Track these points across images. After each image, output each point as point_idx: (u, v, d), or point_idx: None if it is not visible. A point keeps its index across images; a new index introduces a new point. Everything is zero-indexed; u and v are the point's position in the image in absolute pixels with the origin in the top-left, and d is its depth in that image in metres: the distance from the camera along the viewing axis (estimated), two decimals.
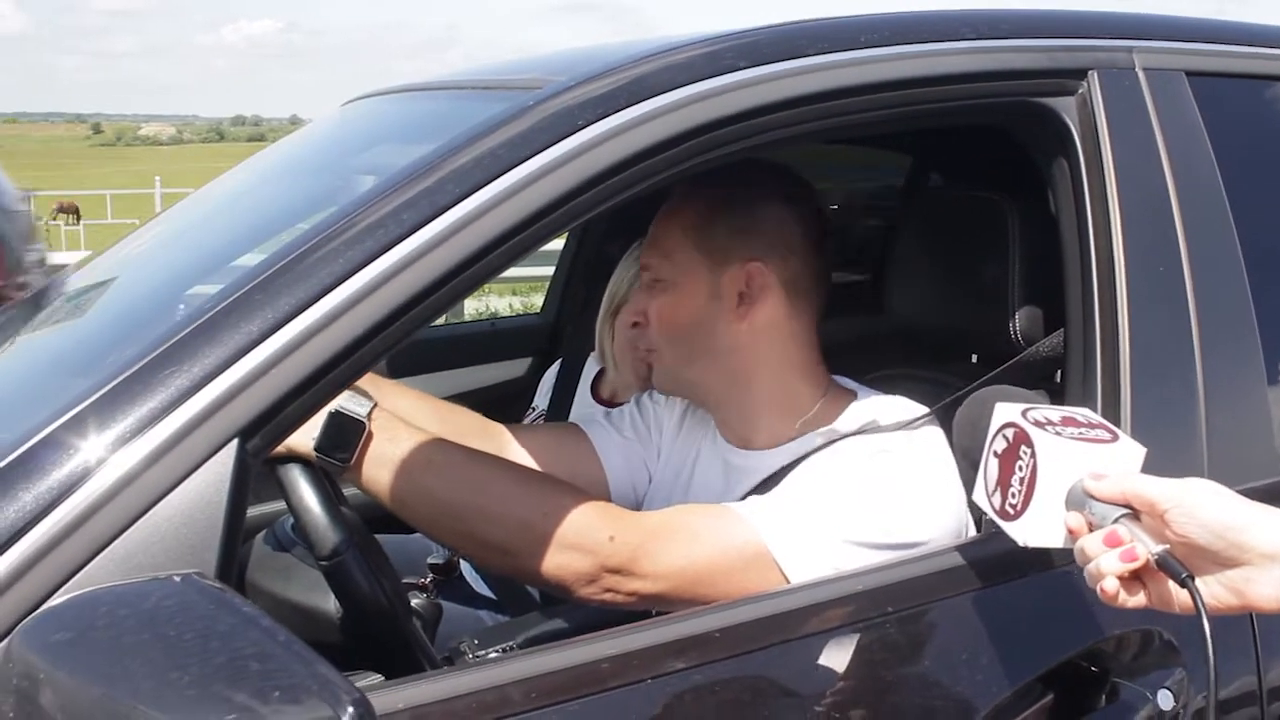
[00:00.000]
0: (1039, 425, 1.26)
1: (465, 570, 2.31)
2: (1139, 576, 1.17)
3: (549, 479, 1.64)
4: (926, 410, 1.63)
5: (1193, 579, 1.12)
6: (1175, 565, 1.13)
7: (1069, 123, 1.60)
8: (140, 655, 0.94)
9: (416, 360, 2.94)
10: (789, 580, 1.47)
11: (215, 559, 1.11)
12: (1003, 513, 1.29)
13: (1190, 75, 1.71)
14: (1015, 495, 1.27)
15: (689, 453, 1.80)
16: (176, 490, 1.11)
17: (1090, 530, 1.19)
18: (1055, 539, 1.24)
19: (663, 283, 1.69)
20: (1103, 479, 1.20)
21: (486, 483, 1.52)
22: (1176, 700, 1.46)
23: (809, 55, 1.44)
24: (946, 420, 1.62)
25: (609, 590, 1.49)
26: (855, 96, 1.47)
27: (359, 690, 0.93)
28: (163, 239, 2.10)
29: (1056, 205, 1.65)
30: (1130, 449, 1.25)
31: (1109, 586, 1.16)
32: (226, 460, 1.13)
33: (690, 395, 1.77)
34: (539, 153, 1.30)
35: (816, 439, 1.64)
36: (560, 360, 2.65)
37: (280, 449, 1.41)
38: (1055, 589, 1.46)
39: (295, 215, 1.66)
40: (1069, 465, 1.23)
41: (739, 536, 1.50)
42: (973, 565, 1.44)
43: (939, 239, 1.92)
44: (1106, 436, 1.26)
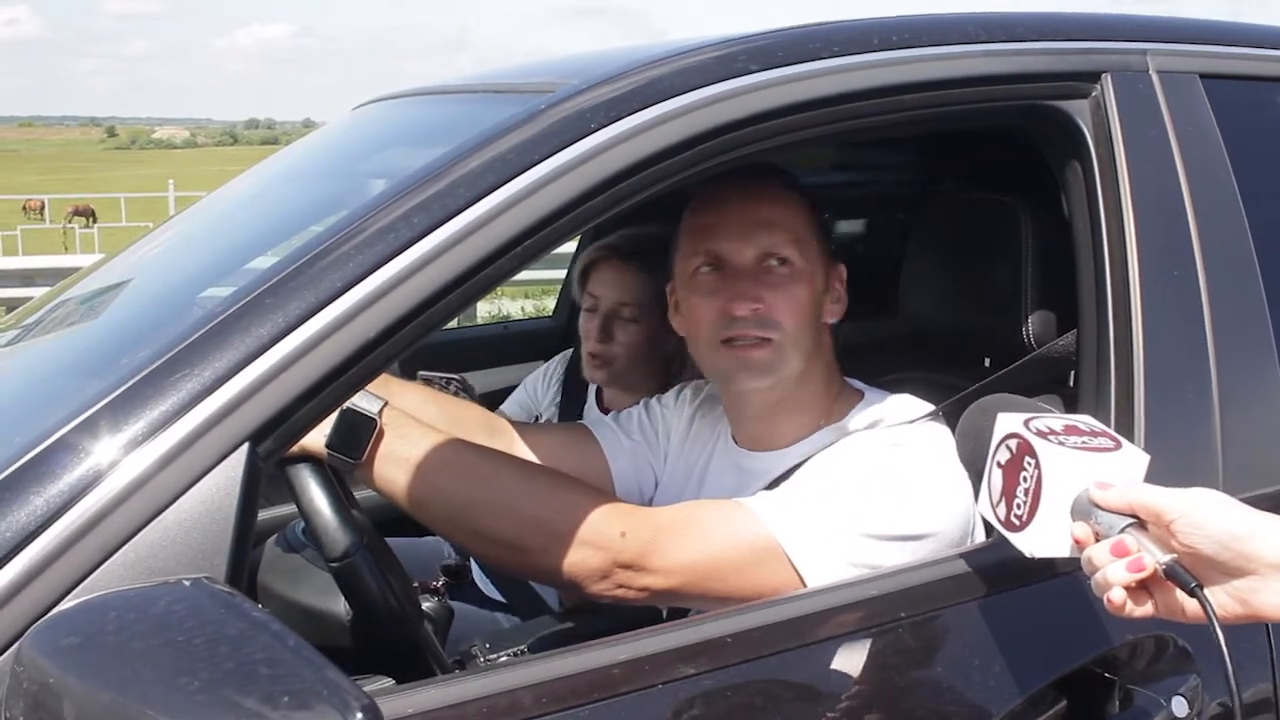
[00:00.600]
0: (1042, 435, 1.25)
1: (476, 574, 2.31)
2: (1146, 586, 1.17)
3: (560, 476, 1.64)
4: (934, 408, 1.63)
5: (1202, 588, 1.12)
6: (1184, 575, 1.12)
7: (1082, 125, 1.59)
8: (149, 660, 0.94)
9: (429, 363, 2.94)
10: (800, 574, 1.46)
11: (225, 563, 1.11)
12: (1008, 524, 1.29)
13: (1204, 77, 1.71)
14: (1021, 506, 1.26)
15: (699, 457, 1.79)
16: (187, 494, 1.11)
17: (1097, 540, 1.19)
18: (1062, 549, 1.24)
19: (794, 271, 1.64)
20: (1108, 489, 1.19)
21: (497, 479, 1.52)
22: (1191, 707, 1.45)
23: (822, 58, 1.44)
24: (953, 420, 1.61)
25: (621, 586, 1.49)
26: (868, 99, 1.47)
27: (368, 696, 0.92)
28: (176, 242, 2.10)
29: (1070, 208, 1.64)
30: (1134, 456, 1.25)
31: (1116, 596, 1.15)
32: (237, 464, 1.13)
33: (774, 390, 1.65)
34: (551, 156, 1.30)
35: (827, 436, 1.64)
36: (563, 369, 2.65)
37: (294, 449, 1.41)
38: (1068, 595, 1.44)
39: (307, 219, 1.66)
40: (1073, 475, 1.22)
41: (750, 531, 1.49)
42: (986, 570, 1.44)
43: (952, 241, 1.91)
44: (1110, 445, 1.26)
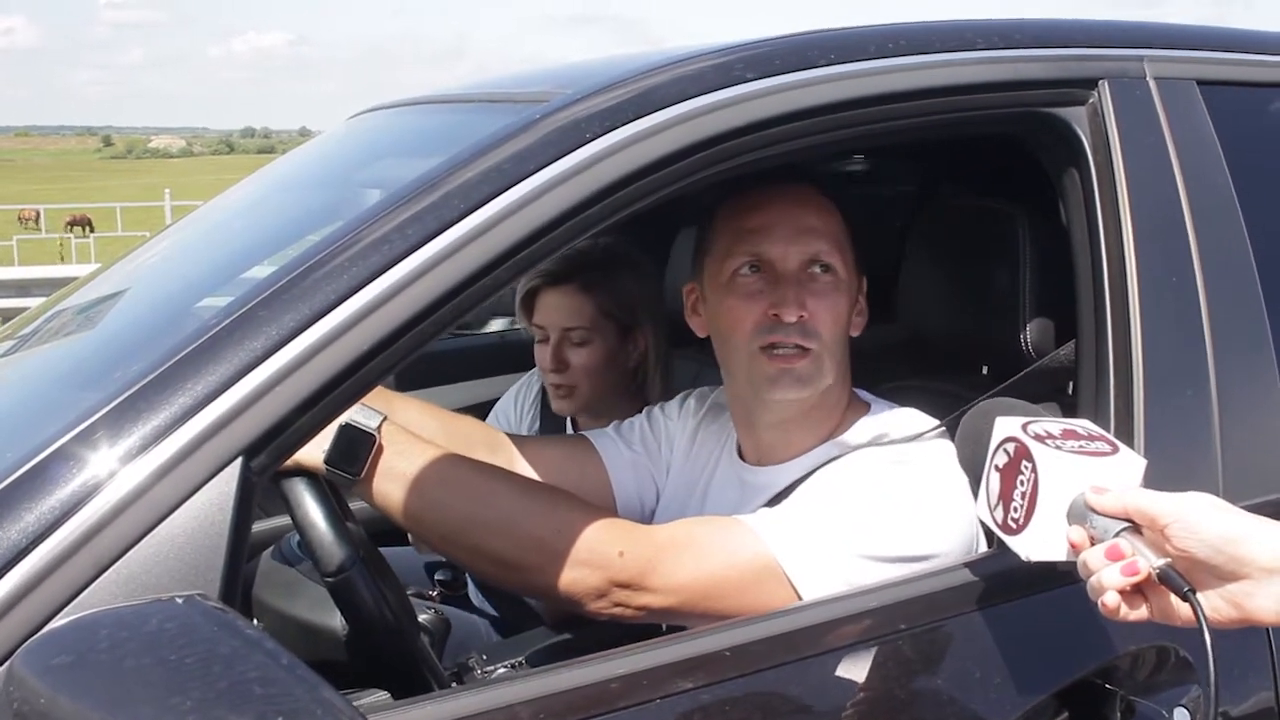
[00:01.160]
0: (1039, 439, 1.26)
1: (471, 591, 2.30)
2: (1140, 590, 1.18)
3: (559, 493, 1.62)
4: (939, 423, 1.61)
5: (1194, 593, 1.12)
6: (1177, 579, 1.13)
7: (1080, 132, 1.59)
8: (141, 679, 0.93)
9: (424, 373, 2.93)
10: (800, 594, 1.46)
11: (219, 579, 1.10)
12: (1005, 527, 1.29)
13: (1202, 84, 1.70)
14: (1017, 509, 1.27)
15: (703, 469, 1.78)
16: (179, 510, 1.10)
17: (1092, 544, 1.19)
18: (1058, 553, 1.24)
19: (837, 280, 1.62)
20: (1104, 493, 1.20)
21: (496, 497, 1.51)
22: (1193, 717, 1.44)
23: (820, 66, 1.44)
24: (956, 432, 1.61)
25: (618, 605, 1.48)
26: (865, 107, 1.46)
27: (362, 715, 0.92)
28: (172, 252, 2.10)
29: (1068, 215, 1.63)
30: (1130, 461, 1.25)
31: (1110, 600, 1.16)
32: (230, 479, 1.12)
33: (804, 402, 1.62)
34: (547, 166, 1.29)
35: (832, 450, 1.63)
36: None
37: (289, 462, 1.40)
38: (1069, 605, 1.44)
39: (303, 229, 1.65)
40: (1070, 479, 1.23)
41: (749, 550, 1.48)
42: (986, 581, 1.43)
43: (950, 249, 1.91)
44: (1107, 449, 1.26)
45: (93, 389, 1.21)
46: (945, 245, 1.92)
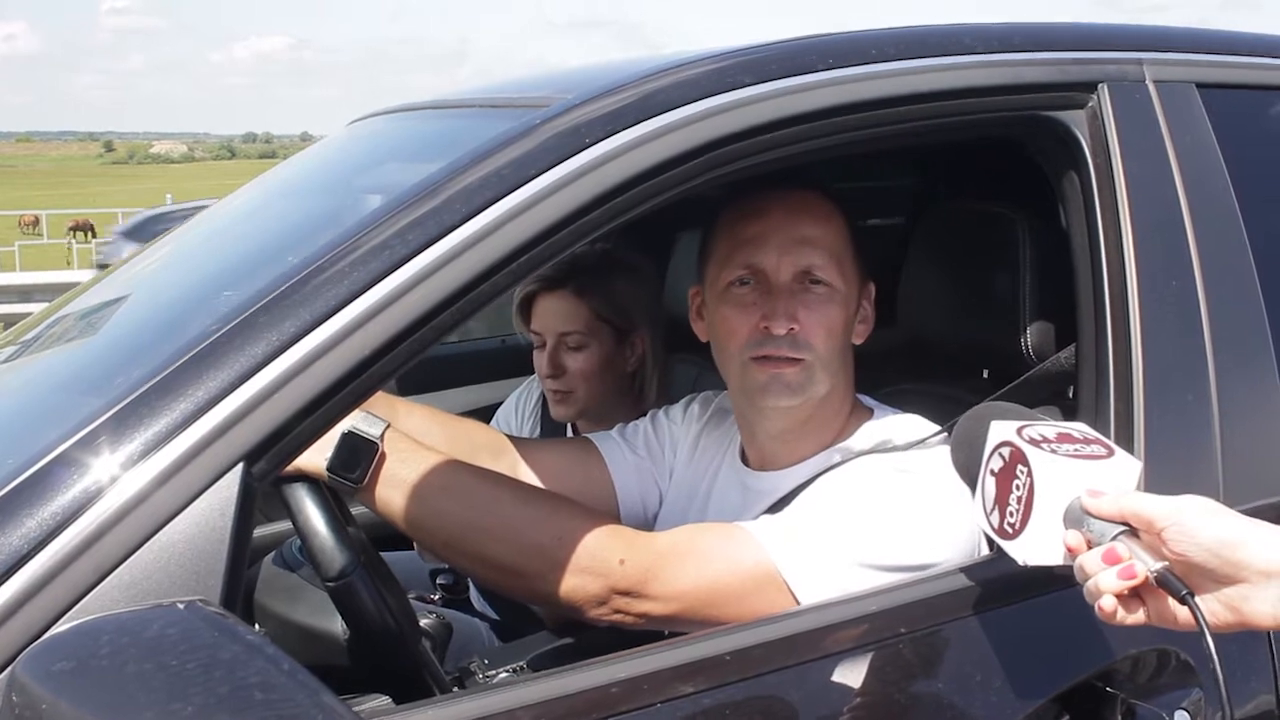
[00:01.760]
0: (1034, 443, 1.25)
1: (472, 594, 2.30)
2: (1138, 593, 1.17)
3: (561, 500, 1.62)
4: (940, 429, 1.61)
5: (1193, 596, 1.12)
6: (1175, 583, 1.13)
7: (1079, 136, 1.59)
8: (143, 685, 0.93)
9: (426, 378, 2.93)
10: (799, 603, 1.46)
11: (220, 585, 1.10)
12: (1001, 531, 1.29)
13: (1201, 87, 1.70)
14: (1014, 514, 1.26)
15: (705, 474, 1.78)
16: (181, 515, 1.10)
17: (1089, 548, 1.19)
18: (1054, 557, 1.24)
19: (831, 293, 1.61)
20: (1100, 497, 1.19)
21: (497, 504, 1.52)
22: None
23: (818, 71, 1.44)
24: None
25: (619, 612, 1.48)
26: (864, 112, 1.46)
27: None
28: (173, 257, 2.10)
29: (1067, 219, 1.63)
30: (1126, 464, 1.25)
31: (1107, 604, 1.16)
32: (231, 485, 1.13)
33: (799, 409, 1.63)
34: (546, 171, 1.29)
35: (834, 456, 1.63)
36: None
37: (291, 469, 1.41)
38: (1069, 608, 1.43)
39: (302, 235, 1.65)
40: (1066, 483, 1.22)
41: (749, 558, 1.48)
42: (986, 585, 1.43)
43: (949, 252, 1.91)
44: (1102, 452, 1.26)
45: (94, 395, 1.21)
46: (946, 248, 1.92)
